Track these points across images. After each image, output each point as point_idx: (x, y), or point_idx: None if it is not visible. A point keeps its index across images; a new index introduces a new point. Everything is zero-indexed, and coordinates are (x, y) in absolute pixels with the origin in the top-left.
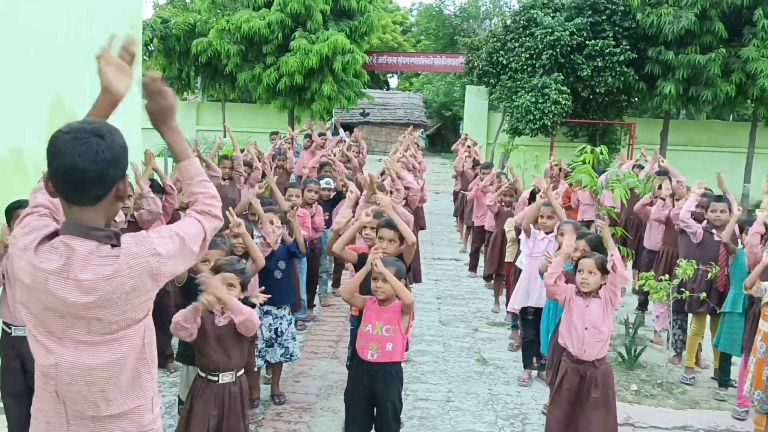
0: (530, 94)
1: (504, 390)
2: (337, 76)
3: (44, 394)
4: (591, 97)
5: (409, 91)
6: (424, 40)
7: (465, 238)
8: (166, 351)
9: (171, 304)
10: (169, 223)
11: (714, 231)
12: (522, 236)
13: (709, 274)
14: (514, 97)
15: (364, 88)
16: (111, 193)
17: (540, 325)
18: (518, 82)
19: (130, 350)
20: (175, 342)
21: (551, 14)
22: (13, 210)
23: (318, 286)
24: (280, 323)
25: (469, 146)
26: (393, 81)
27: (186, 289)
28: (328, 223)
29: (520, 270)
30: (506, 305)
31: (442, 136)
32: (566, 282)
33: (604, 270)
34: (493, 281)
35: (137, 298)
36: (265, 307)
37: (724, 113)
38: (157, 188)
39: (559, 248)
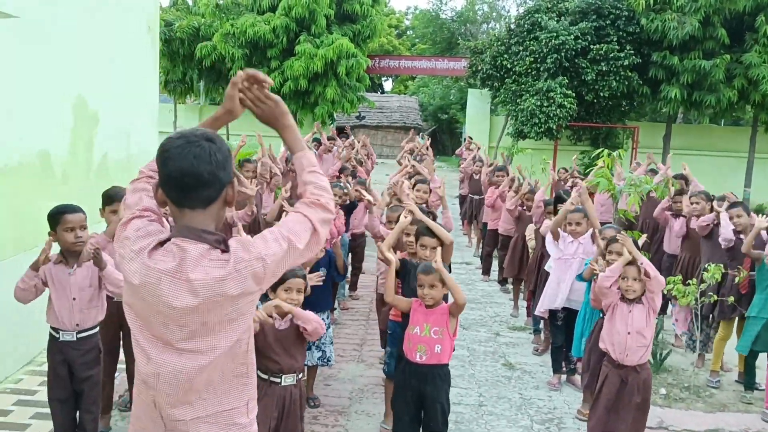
0: (535, 97)
1: (535, 394)
2: (340, 80)
3: (141, 402)
4: (595, 101)
5: (405, 94)
6: (420, 44)
7: (478, 241)
8: None
9: None
10: None
11: (741, 236)
12: (548, 240)
13: (737, 278)
14: (518, 100)
15: (366, 91)
16: (221, 196)
17: (569, 329)
18: (523, 86)
19: (231, 355)
20: None
21: (556, 18)
22: (59, 215)
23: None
24: None
25: (471, 149)
26: (387, 84)
27: None
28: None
29: (547, 274)
30: (527, 310)
31: (438, 139)
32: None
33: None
34: (509, 285)
35: (242, 300)
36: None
37: (719, 118)
38: None
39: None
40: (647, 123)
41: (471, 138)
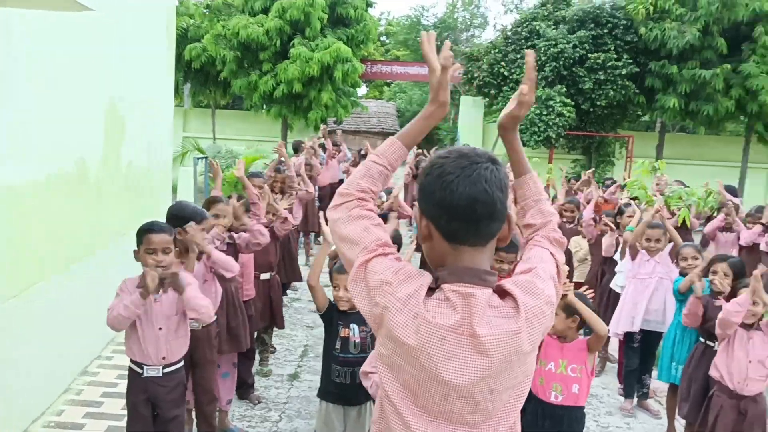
0: (534, 105)
1: (611, 421)
2: (335, 84)
3: None
4: (591, 109)
5: (381, 99)
6: (395, 51)
7: None
8: (247, 380)
9: (242, 330)
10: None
11: None
12: (626, 258)
13: None
14: None
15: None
16: (501, 231)
17: (643, 352)
18: None
19: (510, 427)
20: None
21: (553, 26)
22: (144, 234)
23: None
24: None
25: None
26: (361, 90)
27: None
28: None
29: (613, 291)
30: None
31: (418, 145)
32: (704, 309)
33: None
34: None
35: (530, 359)
36: None
37: (714, 128)
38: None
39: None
40: (639, 132)
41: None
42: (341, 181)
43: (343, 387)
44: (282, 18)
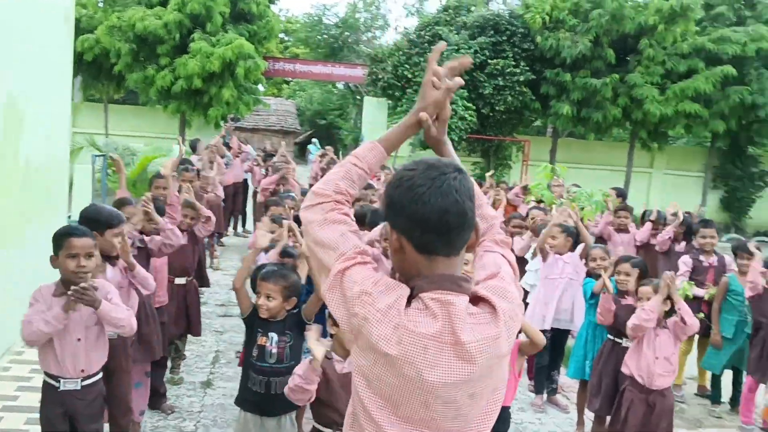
0: None
1: (524, 417)
2: (236, 81)
3: None
4: (490, 114)
5: (280, 97)
6: (294, 48)
7: None
8: (159, 389)
9: (155, 338)
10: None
11: (702, 257)
12: (530, 258)
13: (706, 295)
14: None
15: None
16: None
17: (553, 349)
18: None
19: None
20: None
21: (455, 32)
22: (64, 238)
23: None
24: None
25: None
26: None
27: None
28: None
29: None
30: None
31: (312, 142)
32: (615, 309)
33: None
34: None
35: (505, 361)
36: None
37: (603, 134)
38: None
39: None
40: (534, 137)
41: None
42: (245, 181)
43: (259, 396)
44: (182, 11)
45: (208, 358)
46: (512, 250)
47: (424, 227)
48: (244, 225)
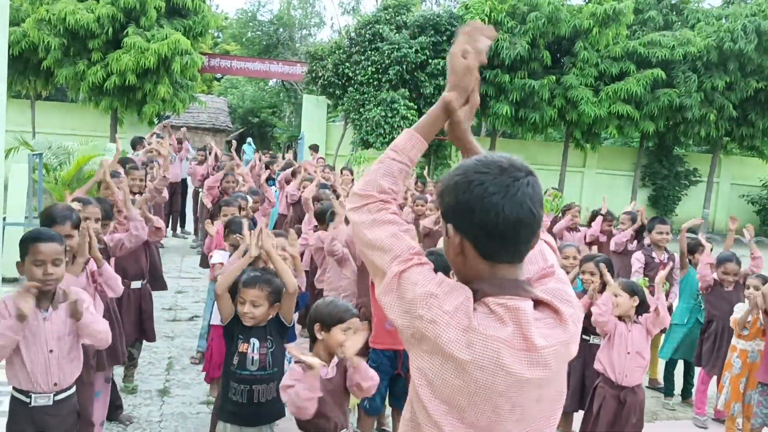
0: (379, 108)
1: None
2: (173, 77)
3: None
4: None
5: (211, 94)
6: (225, 45)
7: None
8: (116, 401)
9: (120, 341)
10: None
11: (654, 254)
12: None
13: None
14: (361, 110)
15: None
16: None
17: None
18: (365, 95)
19: None
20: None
21: (395, 31)
22: (30, 243)
23: None
24: None
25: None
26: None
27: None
28: None
29: None
30: None
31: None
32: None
33: (631, 292)
34: None
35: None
36: None
37: (540, 134)
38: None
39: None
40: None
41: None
42: (184, 181)
43: (239, 406)
44: (114, 5)
45: (162, 364)
46: None
47: (493, 236)
48: (183, 226)
